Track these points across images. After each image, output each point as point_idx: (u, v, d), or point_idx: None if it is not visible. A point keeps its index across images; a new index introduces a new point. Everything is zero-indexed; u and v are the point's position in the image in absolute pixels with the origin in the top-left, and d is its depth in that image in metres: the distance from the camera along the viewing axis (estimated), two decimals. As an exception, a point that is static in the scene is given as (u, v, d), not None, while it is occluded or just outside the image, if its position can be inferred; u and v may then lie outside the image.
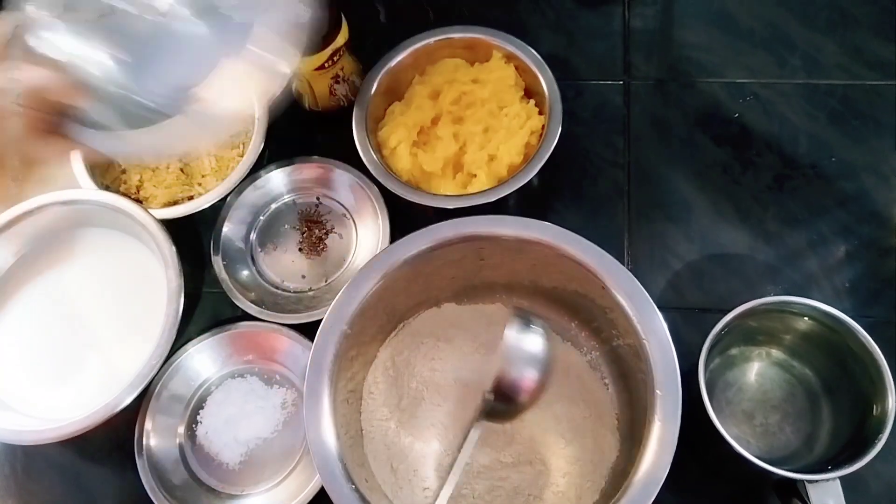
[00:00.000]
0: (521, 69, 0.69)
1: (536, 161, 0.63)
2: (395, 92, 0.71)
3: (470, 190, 0.65)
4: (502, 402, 0.53)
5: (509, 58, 0.69)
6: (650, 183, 0.69)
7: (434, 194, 0.65)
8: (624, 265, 0.56)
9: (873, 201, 0.67)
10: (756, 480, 0.57)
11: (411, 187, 0.65)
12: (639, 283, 0.51)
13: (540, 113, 0.67)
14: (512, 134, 0.66)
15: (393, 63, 0.70)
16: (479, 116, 0.67)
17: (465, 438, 0.54)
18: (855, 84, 0.71)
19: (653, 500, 0.45)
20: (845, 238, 0.65)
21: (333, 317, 0.53)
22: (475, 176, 0.65)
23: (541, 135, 0.65)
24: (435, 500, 0.54)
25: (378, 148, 0.68)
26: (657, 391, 0.48)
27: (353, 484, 0.48)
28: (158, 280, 0.63)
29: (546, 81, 0.67)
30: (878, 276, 0.64)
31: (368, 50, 0.72)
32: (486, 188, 0.63)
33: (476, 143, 0.66)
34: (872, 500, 0.56)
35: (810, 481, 0.48)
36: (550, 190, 0.70)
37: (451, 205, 0.63)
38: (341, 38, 0.66)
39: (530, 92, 0.69)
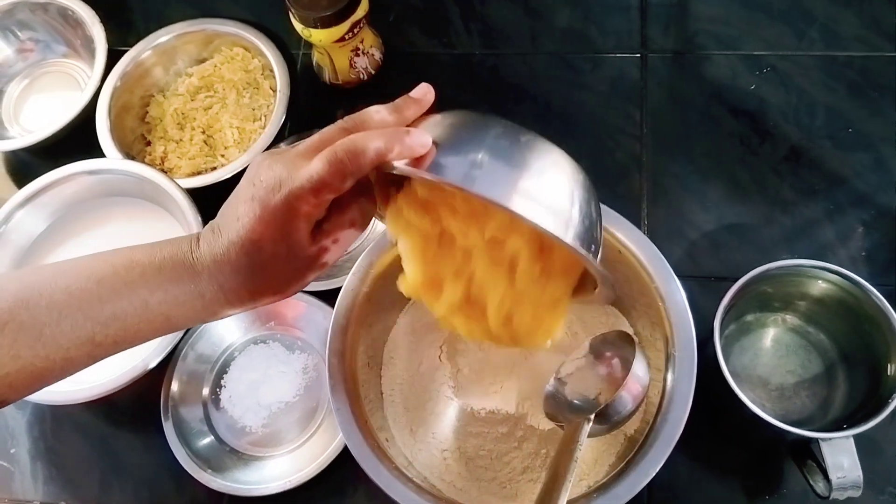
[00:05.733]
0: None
1: None
2: None
3: None
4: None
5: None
6: (667, 154, 0.70)
7: None
8: (640, 233, 0.56)
9: (891, 171, 0.67)
10: (771, 444, 0.58)
11: None
12: (654, 246, 0.52)
13: None
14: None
15: None
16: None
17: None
18: (874, 55, 0.71)
19: (667, 457, 0.46)
20: (862, 208, 0.65)
21: (354, 281, 0.54)
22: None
23: None
24: (453, 461, 0.55)
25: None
26: (673, 352, 0.49)
27: (376, 441, 0.50)
28: (183, 248, 0.65)
29: None
30: (894, 246, 0.64)
31: (389, 24, 0.72)
32: None
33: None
34: (888, 463, 0.57)
35: (824, 439, 0.48)
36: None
37: None
38: (361, 10, 0.67)
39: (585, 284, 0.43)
